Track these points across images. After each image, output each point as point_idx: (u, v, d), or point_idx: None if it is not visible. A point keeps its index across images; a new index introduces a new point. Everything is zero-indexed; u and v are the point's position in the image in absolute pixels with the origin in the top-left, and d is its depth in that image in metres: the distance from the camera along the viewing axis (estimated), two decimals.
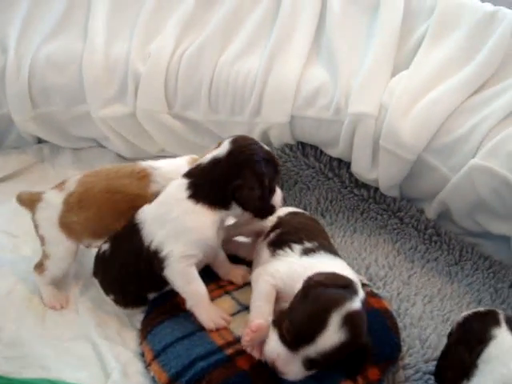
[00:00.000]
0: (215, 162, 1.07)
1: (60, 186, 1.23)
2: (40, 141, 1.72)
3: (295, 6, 1.54)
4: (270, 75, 1.47)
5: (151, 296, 1.14)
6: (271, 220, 1.15)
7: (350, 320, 0.89)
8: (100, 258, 1.15)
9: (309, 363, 0.91)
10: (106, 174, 1.20)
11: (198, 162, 1.09)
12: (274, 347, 0.92)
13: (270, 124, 1.48)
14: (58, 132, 1.67)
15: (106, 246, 1.14)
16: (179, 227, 1.05)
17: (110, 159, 1.69)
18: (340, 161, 1.51)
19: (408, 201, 1.45)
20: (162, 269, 1.06)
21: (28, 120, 1.61)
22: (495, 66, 1.35)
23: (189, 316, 1.08)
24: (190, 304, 1.07)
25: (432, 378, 1.05)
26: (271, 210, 1.11)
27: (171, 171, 1.17)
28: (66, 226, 1.18)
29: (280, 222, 1.16)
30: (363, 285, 1.16)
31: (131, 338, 1.12)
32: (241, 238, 1.25)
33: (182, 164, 1.19)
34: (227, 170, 1.05)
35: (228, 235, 1.18)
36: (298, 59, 1.47)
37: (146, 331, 1.09)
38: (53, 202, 1.20)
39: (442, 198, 1.34)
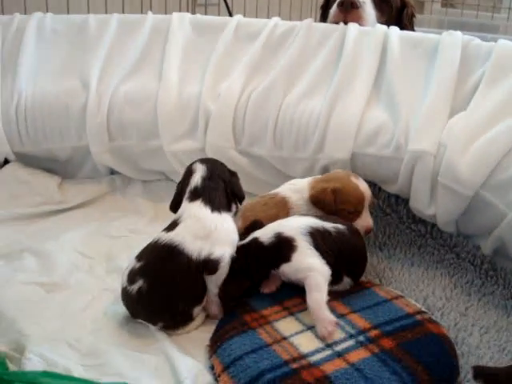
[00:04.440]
0: (206, 181, 1.31)
1: None
2: (112, 172, 1.85)
3: (357, 51, 1.64)
4: (332, 115, 1.56)
5: (196, 311, 1.23)
6: None
7: None
8: (136, 297, 1.21)
9: None
10: (259, 207, 1.41)
11: (193, 186, 1.31)
12: None
13: (331, 160, 1.55)
14: (130, 164, 1.79)
15: (138, 285, 1.20)
16: (220, 234, 1.24)
17: None
18: (397, 197, 1.57)
19: (464, 237, 1.49)
20: (215, 270, 1.21)
21: (104, 152, 1.74)
22: None
23: (256, 333, 1.15)
24: (215, 306, 1.25)
25: None
26: None
27: (299, 197, 1.40)
28: None
29: None
30: (422, 312, 1.22)
31: (200, 353, 1.18)
32: None
33: (302, 190, 1.41)
34: (220, 182, 1.32)
35: None
36: (359, 100, 1.56)
37: (215, 346, 1.16)
38: None
39: (498, 234, 1.37)
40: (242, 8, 2.78)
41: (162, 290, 1.21)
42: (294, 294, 1.25)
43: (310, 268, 1.21)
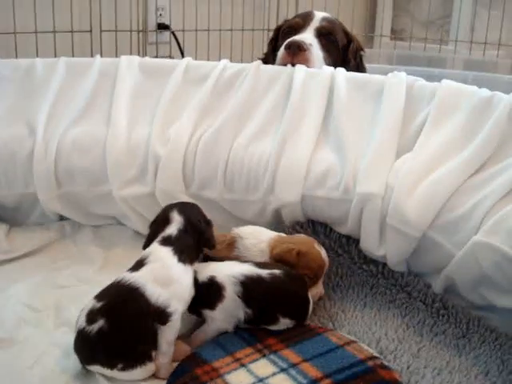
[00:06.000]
0: (182, 231, 1.30)
1: None
2: (62, 218, 1.81)
3: (304, 93, 1.65)
4: (282, 158, 1.56)
5: (154, 354, 1.21)
6: None
7: None
8: (96, 337, 1.18)
9: None
10: None
11: (168, 234, 1.30)
12: None
13: (282, 203, 1.56)
14: (79, 210, 1.76)
15: (98, 324, 1.18)
16: (181, 287, 1.24)
17: (128, 236, 1.77)
18: (349, 238, 1.58)
19: (415, 275, 1.50)
20: (165, 321, 1.20)
21: (52, 199, 1.70)
22: (493, 148, 1.43)
23: None
24: (166, 360, 1.22)
25: None
26: None
27: (253, 243, 1.41)
28: None
29: None
30: (374, 357, 1.22)
31: None
32: None
33: (263, 240, 1.41)
34: (194, 234, 1.31)
35: None
36: (307, 142, 1.57)
37: None
38: None
39: (447, 273, 1.39)
40: (193, 46, 2.79)
41: (124, 330, 1.18)
42: (245, 344, 1.25)
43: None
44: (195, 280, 1.28)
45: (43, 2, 2.27)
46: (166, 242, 1.29)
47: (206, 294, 1.27)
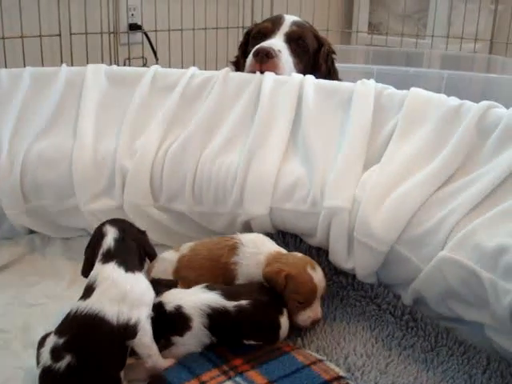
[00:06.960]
0: (119, 242, 1.31)
1: (177, 248, 1.47)
2: (31, 231, 1.78)
3: (272, 102, 1.64)
4: (249, 170, 1.55)
5: (122, 375, 1.19)
6: None
7: None
8: (66, 374, 1.14)
9: None
10: (210, 245, 1.44)
11: (107, 248, 1.30)
12: None
13: (250, 215, 1.55)
14: (48, 223, 1.74)
15: (66, 361, 1.14)
16: (136, 295, 1.23)
17: None
18: (319, 249, 1.57)
19: (385, 287, 1.49)
20: (134, 335, 1.19)
21: (20, 213, 1.68)
22: (460, 159, 1.42)
23: None
24: (156, 358, 1.23)
25: None
26: None
27: (252, 252, 1.39)
28: (178, 277, 1.41)
29: None
30: (340, 378, 1.21)
31: None
32: None
33: (262, 252, 1.39)
34: (132, 243, 1.32)
35: None
36: (275, 154, 1.56)
37: None
38: (169, 259, 1.44)
39: (415, 287, 1.39)
40: (166, 46, 2.75)
41: (93, 361, 1.16)
42: (211, 365, 1.24)
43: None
44: (163, 310, 1.27)
45: (9, 7, 2.22)
46: (107, 257, 1.28)
47: (174, 323, 1.26)
